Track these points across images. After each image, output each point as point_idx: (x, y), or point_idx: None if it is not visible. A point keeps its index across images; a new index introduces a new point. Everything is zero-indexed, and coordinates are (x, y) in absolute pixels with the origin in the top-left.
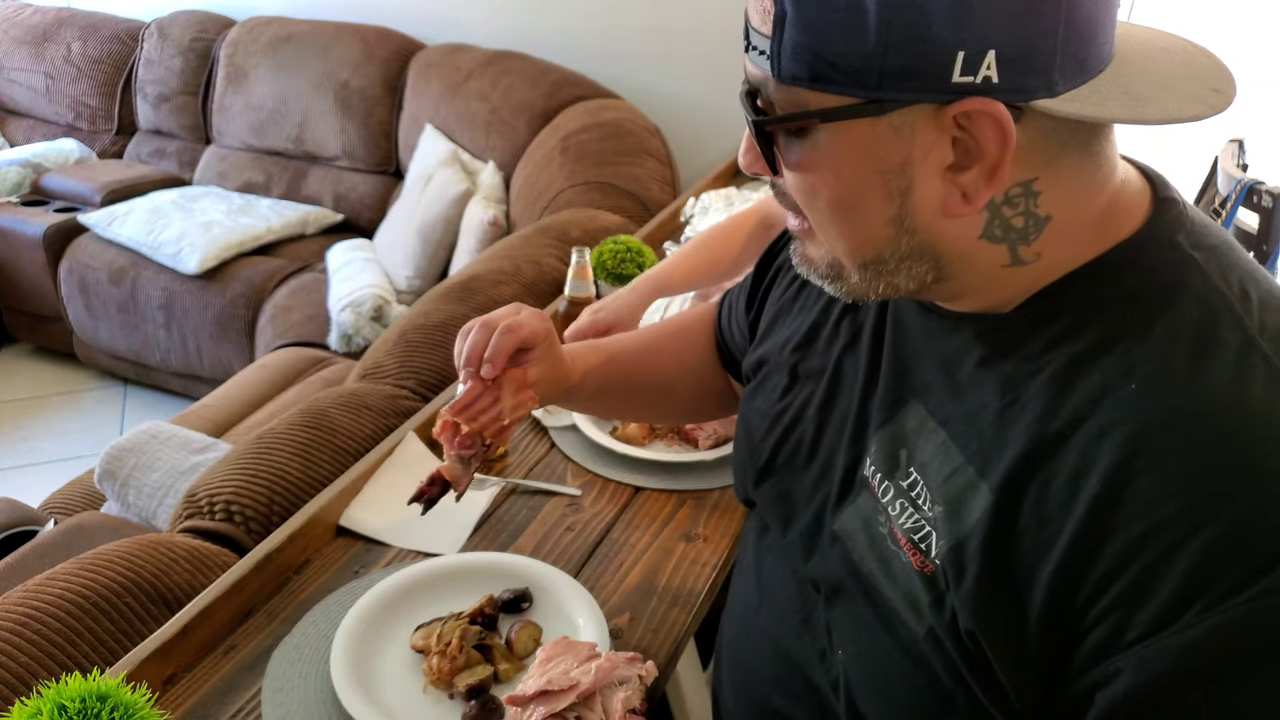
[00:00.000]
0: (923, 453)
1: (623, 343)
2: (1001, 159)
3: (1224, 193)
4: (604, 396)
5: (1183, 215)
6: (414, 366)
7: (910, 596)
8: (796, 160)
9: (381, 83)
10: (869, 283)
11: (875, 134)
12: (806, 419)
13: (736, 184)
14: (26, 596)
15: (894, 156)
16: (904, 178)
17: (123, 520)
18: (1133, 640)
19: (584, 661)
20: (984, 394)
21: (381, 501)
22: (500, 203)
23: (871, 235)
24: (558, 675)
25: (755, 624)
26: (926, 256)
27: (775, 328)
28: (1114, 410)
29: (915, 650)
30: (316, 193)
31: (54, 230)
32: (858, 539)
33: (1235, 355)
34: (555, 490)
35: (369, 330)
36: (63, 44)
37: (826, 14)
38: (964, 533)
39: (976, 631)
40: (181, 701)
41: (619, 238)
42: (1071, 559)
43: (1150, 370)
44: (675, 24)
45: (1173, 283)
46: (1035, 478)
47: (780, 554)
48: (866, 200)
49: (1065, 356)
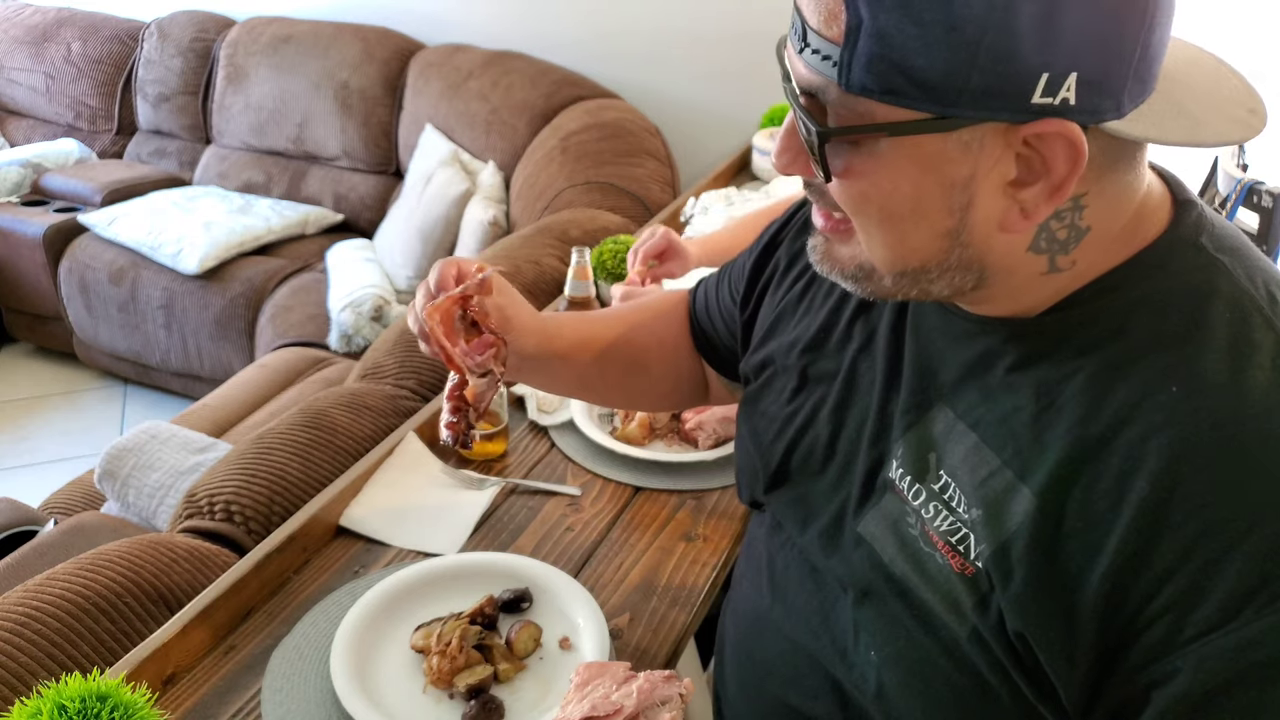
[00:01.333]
0: (953, 455)
1: (598, 313)
2: (1068, 178)
3: (1224, 193)
4: (579, 355)
5: (1203, 218)
6: (414, 366)
7: (950, 598)
8: (849, 167)
9: (381, 83)
10: (902, 288)
11: (944, 149)
12: (820, 422)
13: (736, 184)
14: (26, 596)
15: (960, 172)
16: (967, 193)
17: (123, 520)
18: (1189, 639)
19: (622, 684)
20: (1017, 398)
21: (381, 501)
22: (500, 203)
23: (921, 246)
24: (600, 700)
25: (769, 622)
26: (973, 268)
27: (778, 329)
28: (1156, 414)
29: (958, 650)
30: (316, 193)
31: (54, 230)
32: (885, 541)
33: (1271, 358)
34: (555, 490)
35: (369, 330)
36: (63, 44)
37: (907, 27)
38: (1007, 535)
39: (1025, 633)
40: (181, 701)
41: (619, 238)
42: (1122, 560)
43: (1190, 374)
44: (675, 24)
45: (1203, 286)
46: (1079, 481)
47: (796, 553)
48: (924, 213)
49: (1100, 361)
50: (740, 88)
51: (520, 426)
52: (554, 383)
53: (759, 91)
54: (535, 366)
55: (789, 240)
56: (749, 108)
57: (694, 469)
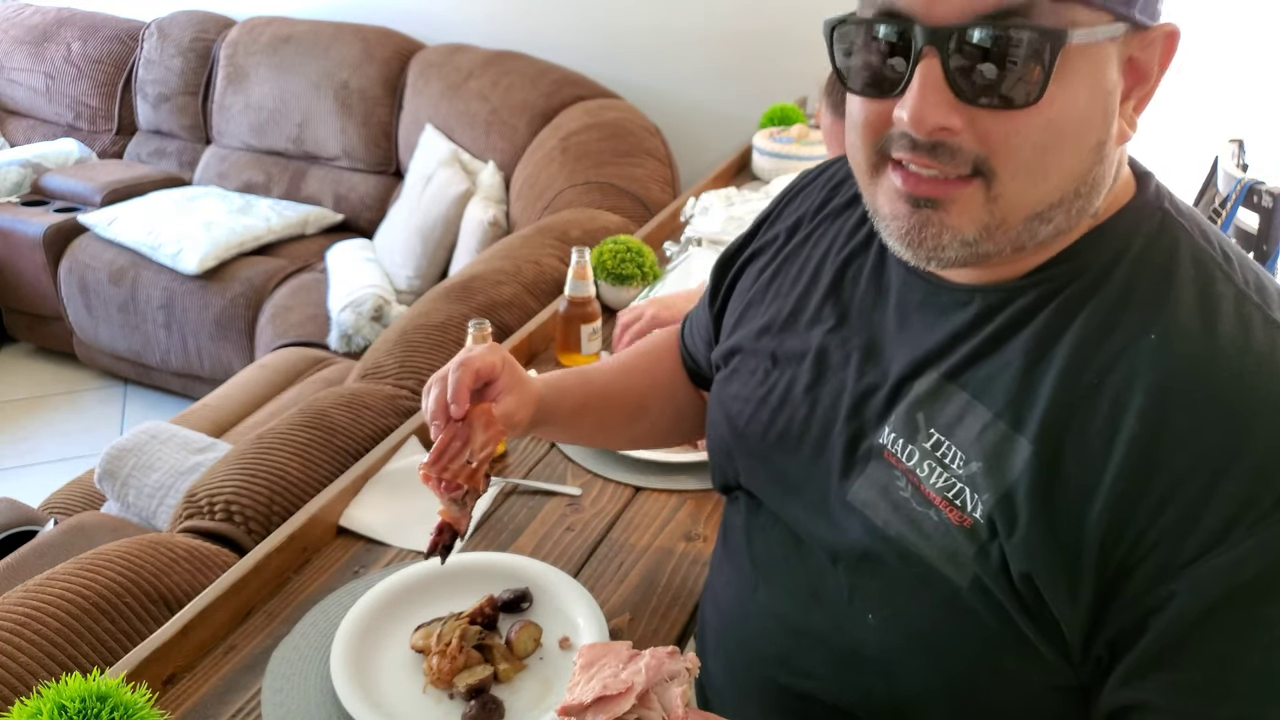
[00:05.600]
0: (944, 414)
1: (595, 367)
2: (1158, 80)
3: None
4: (581, 417)
5: (1160, 186)
6: (414, 366)
7: (949, 551)
8: (1036, 91)
9: (381, 83)
10: (1023, 236)
11: (1109, 54)
12: (794, 399)
13: (736, 184)
14: (26, 596)
15: (1112, 78)
16: (1114, 100)
17: (123, 520)
18: (1184, 564)
19: (629, 662)
20: (1006, 356)
21: (381, 501)
22: (500, 203)
23: (1075, 168)
24: (610, 679)
25: (753, 605)
26: (1099, 190)
27: (747, 317)
28: (1137, 359)
29: (957, 601)
30: (316, 193)
31: (54, 230)
32: (879, 507)
33: (1233, 306)
34: (555, 490)
35: (369, 330)
36: (63, 44)
37: None
38: (1009, 484)
39: (1032, 573)
40: (181, 701)
41: (619, 238)
42: (1118, 497)
43: (1166, 323)
44: (675, 24)
45: (1169, 246)
46: (1071, 426)
47: (778, 533)
48: (1090, 124)
49: (1085, 317)
50: (740, 88)
51: None
52: (558, 439)
53: (759, 91)
54: (538, 432)
55: (764, 229)
56: (749, 108)
57: (694, 469)
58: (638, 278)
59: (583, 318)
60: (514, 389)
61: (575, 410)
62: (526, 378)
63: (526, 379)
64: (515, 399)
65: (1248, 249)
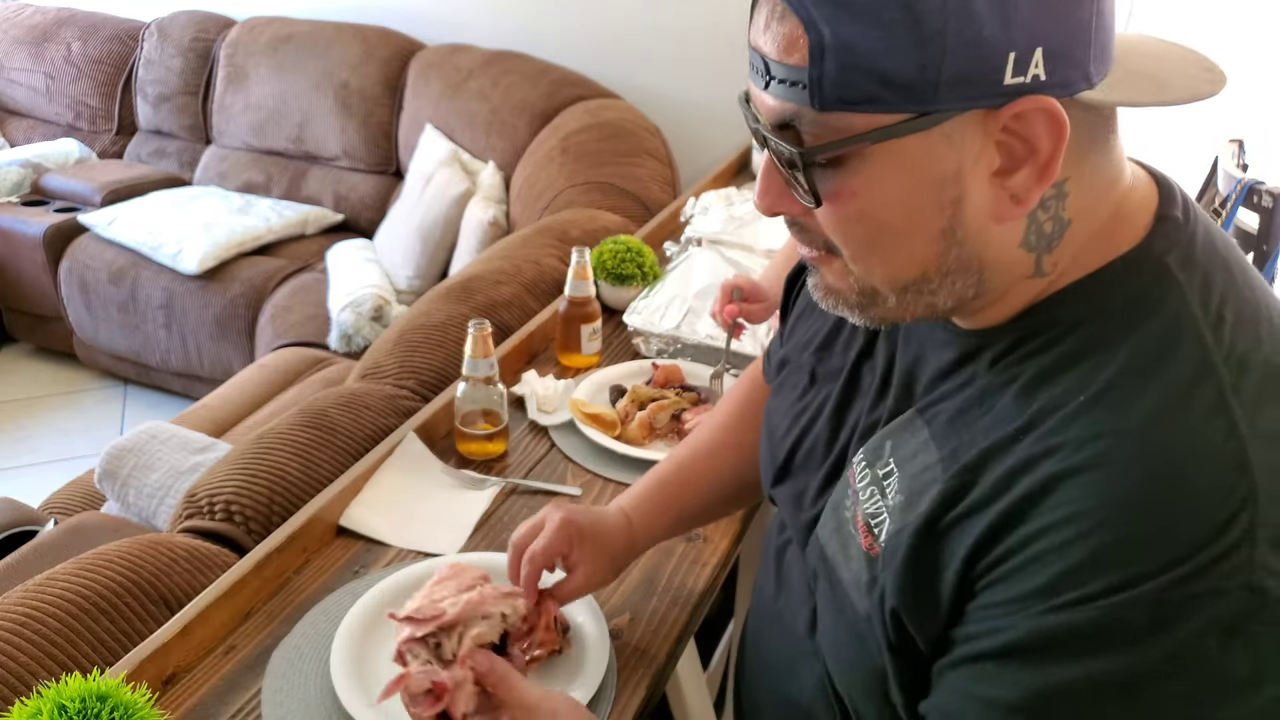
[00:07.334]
0: (906, 446)
1: (677, 461)
2: (1054, 154)
3: (1224, 193)
4: (680, 524)
5: (1180, 233)
6: (414, 366)
7: (858, 577)
8: (836, 189)
9: (381, 83)
10: (906, 306)
11: (928, 146)
12: (821, 421)
13: (736, 184)
14: (26, 596)
15: (947, 166)
16: (957, 186)
17: (123, 520)
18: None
19: (464, 590)
20: (967, 399)
21: (381, 501)
22: (500, 203)
23: (917, 253)
24: (427, 604)
25: (775, 615)
26: (971, 269)
27: (798, 328)
28: (1057, 420)
29: (858, 628)
30: (316, 193)
31: (54, 230)
32: (827, 525)
33: (1189, 377)
34: (555, 490)
35: (369, 330)
36: (63, 44)
37: (870, 32)
38: (909, 519)
39: (900, 610)
40: (181, 701)
41: (619, 238)
42: (984, 539)
43: (1101, 387)
44: (675, 24)
45: (1151, 303)
46: (983, 473)
47: (795, 550)
48: (917, 217)
49: (1036, 368)
50: (740, 88)
51: (520, 426)
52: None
53: None
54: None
55: None
56: None
57: None
58: (638, 278)
59: (583, 318)
60: (587, 559)
61: (671, 525)
62: (603, 533)
63: (603, 536)
64: (590, 566)
65: (1247, 249)
